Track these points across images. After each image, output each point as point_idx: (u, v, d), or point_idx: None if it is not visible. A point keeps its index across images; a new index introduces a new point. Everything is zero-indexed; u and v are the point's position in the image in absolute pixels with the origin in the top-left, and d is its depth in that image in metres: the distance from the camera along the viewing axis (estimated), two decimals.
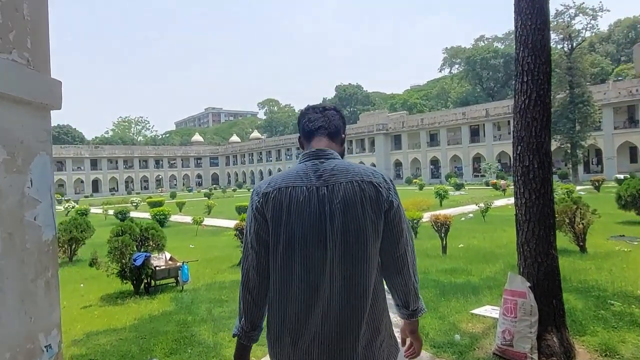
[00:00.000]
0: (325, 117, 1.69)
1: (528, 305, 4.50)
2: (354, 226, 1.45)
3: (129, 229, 8.19)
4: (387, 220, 1.53)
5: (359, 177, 1.50)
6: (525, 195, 4.69)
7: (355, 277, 1.49)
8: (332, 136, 1.69)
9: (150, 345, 5.67)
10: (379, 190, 1.50)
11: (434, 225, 11.10)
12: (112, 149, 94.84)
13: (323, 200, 1.46)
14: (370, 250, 1.50)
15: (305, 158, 1.61)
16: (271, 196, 1.49)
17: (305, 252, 1.45)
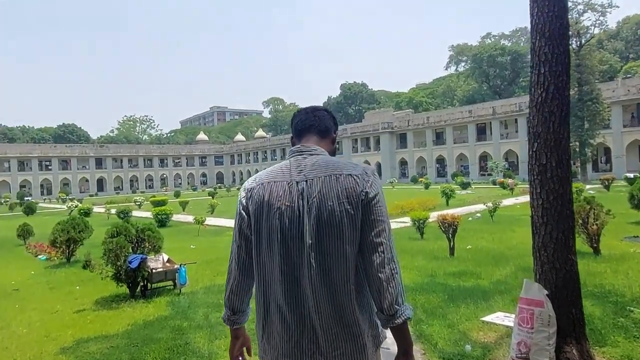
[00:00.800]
0: (315, 117, 1.74)
1: (546, 315, 4.15)
2: (329, 219, 1.46)
3: (124, 230, 7.90)
4: (364, 212, 1.51)
5: (337, 171, 1.52)
6: (542, 196, 4.34)
7: (334, 269, 1.49)
8: (321, 134, 1.73)
9: (142, 354, 5.36)
10: (356, 182, 1.50)
11: (441, 226, 10.73)
12: (117, 148, 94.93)
13: (302, 195, 1.49)
14: (346, 242, 1.49)
15: (290, 154, 1.67)
16: (255, 191, 1.57)
17: (284, 245, 1.50)
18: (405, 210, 21.71)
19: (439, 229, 13.81)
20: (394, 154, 70.97)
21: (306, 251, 1.49)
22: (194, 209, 30.45)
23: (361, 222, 1.51)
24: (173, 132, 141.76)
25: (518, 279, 8.09)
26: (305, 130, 1.72)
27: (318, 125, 1.72)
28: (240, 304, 1.73)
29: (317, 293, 1.50)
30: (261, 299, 1.61)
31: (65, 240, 11.94)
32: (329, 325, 1.52)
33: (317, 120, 1.73)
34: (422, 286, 7.80)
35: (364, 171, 1.56)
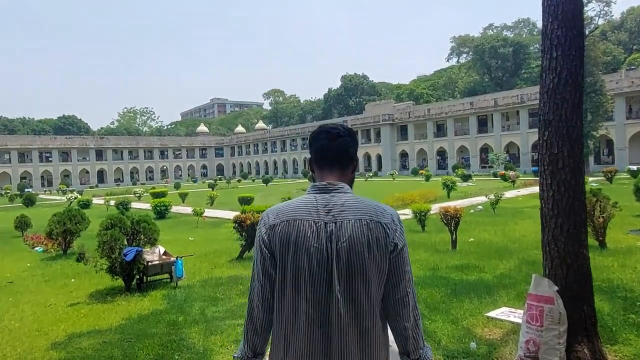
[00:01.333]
0: (338, 147, 1.60)
1: (556, 312, 3.95)
2: (359, 266, 1.42)
3: (119, 222, 7.70)
4: (390, 261, 1.49)
5: (367, 216, 1.47)
6: (553, 187, 4.11)
7: (363, 315, 1.46)
8: (344, 168, 1.63)
9: (134, 350, 5.18)
10: (386, 231, 1.47)
11: (443, 218, 10.53)
12: (117, 140, 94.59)
13: (330, 237, 1.43)
14: (374, 289, 1.47)
15: (314, 190, 1.55)
16: (278, 229, 1.46)
17: (311, 289, 1.44)
18: (406, 202, 21.50)
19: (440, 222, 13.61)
20: (394, 146, 70.62)
21: (334, 296, 1.43)
22: (193, 201, 30.27)
23: (387, 270, 1.49)
24: (173, 124, 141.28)
25: (522, 272, 7.91)
26: (327, 162, 1.60)
27: (340, 160, 1.61)
28: (262, 345, 1.62)
29: (344, 339, 1.45)
30: (281, 343, 1.52)
31: (61, 232, 11.76)
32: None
33: (340, 152, 1.61)
34: (424, 280, 7.61)
35: (392, 219, 1.51)
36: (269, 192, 36.49)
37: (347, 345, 1.45)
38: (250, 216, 10.43)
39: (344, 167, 1.62)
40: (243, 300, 7.02)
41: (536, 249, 9.83)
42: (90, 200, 31.20)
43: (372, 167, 71.85)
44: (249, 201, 23.40)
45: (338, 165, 1.60)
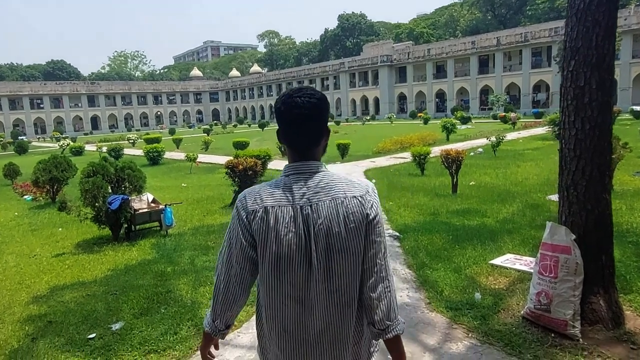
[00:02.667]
0: (309, 122, 1.48)
1: (573, 262, 3.60)
2: (338, 245, 1.45)
3: (101, 169, 7.24)
4: (365, 232, 1.48)
5: (341, 192, 1.47)
6: (577, 125, 3.63)
7: (340, 291, 1.48)
8: (316, 144, 1.53)
9: (119, 303, 4.90)
10: (361, 203, 1.47)
11: (444, 162, 10.10)
12: (109, 85, 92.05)
13: (307, 221, 1.44)
14: (355, 264, 1.48)
15: (289, 172, 1.52)
16: (258, 214, 1.47)
17: (291, 270, 1.46)
18: (405, 146, 21.05)
19: (440, 165, 13.20)
20: (392, 89, 68.97)
21: (314, 277, 1.46)
22: (188, 147, 29.71)
23: (364, 242, 1.49)
24: (166, 69, 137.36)
25: (526, 217, 7.60)
26: (298, 140, 1.51)
27: (313, 134, 1.51)
28: (234, 318, 1.68)
29: (325, 315, 1.50)
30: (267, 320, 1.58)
31: (48, 180, 11.32)
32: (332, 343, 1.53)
33: (312, 126, 1.49)
34: (424, 226, 7.30)
35: (366, 190, 1.51)
36: (264, 137, 35.87)
37: (329, 320, 1.49)
38: (243, 161, 9.97)
39: (316, 143, 1.53)
40: None
41: (539, 192, 9.51)
42: (83, 147, 30.66)
43: (369, 111, 70.60)
44: (243, 146, 22.84)
45: (308, 141, 1.51)
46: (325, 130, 1.53)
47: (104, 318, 4.55)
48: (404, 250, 6.14)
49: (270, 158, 14.14)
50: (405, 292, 4.64)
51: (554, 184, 10.59)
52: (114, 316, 4.57)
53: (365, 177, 13.40)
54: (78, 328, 4.38)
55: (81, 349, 3.96)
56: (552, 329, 3.68)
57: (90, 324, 4.44)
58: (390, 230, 7.09)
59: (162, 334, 4.07)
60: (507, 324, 3.85)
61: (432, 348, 3.51)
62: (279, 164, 17.42)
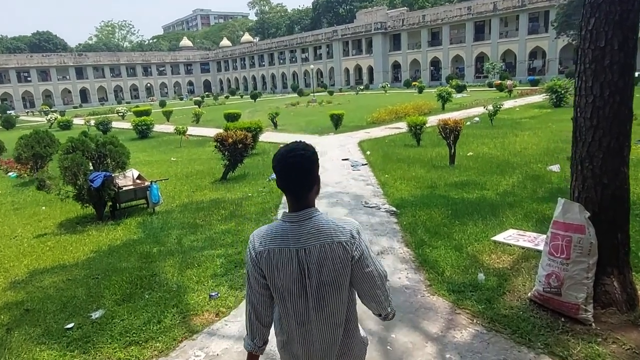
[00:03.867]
0: (303, 178, 1.74)
1: (587, 242, 3.32)
2: (327, 280, 1.74)
3: (81, 145, 6.84)
4: (354, 267, 1.76)
5: (329, 239, 1.71)
6: (594, 91, 3.29)
7: (330, 316, 1.81)
8: (307, 191, 1.77)
9: (100, 288, 4.61)
10: (345, 248, 1.72)
11: (441, 132, 9.74)
12: (97, 56, 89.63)
13: (302, 261, 1.73)
14: (341, 293, 1.79)
15: (287, 219, 1.77)
16: (264, 255, 1.76)
17: (292, 299, 1.79)
18: (400, 116, 20.60)
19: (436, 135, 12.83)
20: (386, 57, 67.67)
21: (311, 303, 1.77)
22: (178, 119, 29.09)
23: (351, 270, 1.76)
24: (155, 39, 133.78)
25: (527, 189, 7.32)
26: (291, 189, 1.76)
27: (304, 184, 1.75)
28: (267, 336, 1.94)
29: (320, 333, 1.83)
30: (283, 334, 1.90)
31: (31, 156, 10.89)
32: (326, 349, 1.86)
33: (302, 178, 1.74)
34: (422, 200, 7.01)
35: (351, 235, 1.74)
36: (256, 108, 35.19)
37: (324, 337, 1.83)
38: (233, 134, 9.57)
39: (307, 191, 1.76)
40: (224, 227, 6.42)
41: (539, 163, 9.23)
42: (71, 121, 29.90)
43: (363, 80, 69.49)
44: (235, 118, 22.31)
45: (301, 190, 1.75)
46: (315, 179, 1.77)
47: (84, 305, 4.26)
48: (402, 226, 5.85)
49: (262, 130, 13.72)
50: (404, 274, 4.37)
51: (553, 154, 10.34)
52: (94, 303, 4.29)
53: (360, 148, 13.05)
54: (56, 317, 4.10)
55: (58, 341, 3.68)
56: (562, 313, 3.44)
57: (69, 312, 4.16)
58: (386, 205, 6.80)
59: (144, 323, 3.79)
60: (513, 307, 3.60)
61: (434, 337, 3.25)
62: (270, 135, 17.00)
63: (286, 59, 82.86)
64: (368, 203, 7.04)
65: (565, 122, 15.38)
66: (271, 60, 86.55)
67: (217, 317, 3.84)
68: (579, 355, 2.99)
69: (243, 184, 9.31)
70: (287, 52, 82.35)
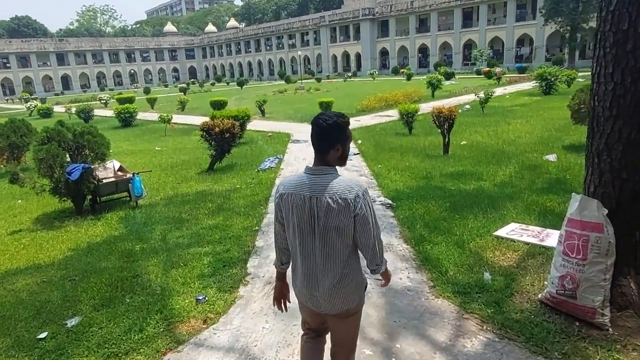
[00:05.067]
0: (319, 137, 2.12)
1: (605, 242, 3.08)
2: (332, 225, 2.08)
3: (57, 135, 6.42)
4: (356, 221, 2.08)
5: (337, 195, 2.05)
6: (615, 78, 3.02)
7: (331, 253, 2.13)
8: (324, 153, 2.12)
9: (77, 292, 4.27)
10: (349, 205, 2.03)
11: (435, 120, 9.46)
12: (79, 42, 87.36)
13: (312, 207, 2.08)
14: (343, 238, 2.11)
15: (307, 171, 2.15)
16: (284, 197, 2.16)
17: (302, 237, 2.16)
18: (390, 103, 20.30)
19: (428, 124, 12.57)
20: (374, 44, 67.07)
21: (317, 242, 2.12)
22: (163, 107, 28.40)
23: (354, 226, 2.09)
24: (138, 24, 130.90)
25: (525, 179, 7.11)
26: (315, 149, 2.14)
27: (322, 146, 2.11)
28: (287, 258, 2.36)
29: (321, 268, 2.16)
30: (293, 265, 2.30)
31: (6, 147, 10.38)
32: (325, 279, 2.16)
33: (321, 140, 2.11)
34: (417, 192, 6.74)
35: (356, 194, 2.05)
36: (243, 96, 34.59)
37: (324, 271, 2.15)
38: (219, 123, 9.18)
39: (324, 152, 2.12)
40: (211, 222, 6.09)
41: (535, 152, 9.02)
42: (51, 109, 29.02)
43: (351, 67, 68.89)
44: (222, 105, 21.75)
45: (319, 151, 2.13)
46: (333, 143, 2.09)
47: (59, 311, 3.93)
48: (399, 221, 5.58)
49: (250, 118, 13.29)
50: (405, 274, 4.10)
51: (548, 143, 10.14)
52: (70, 309, 3.95)
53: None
54: (28, 325, 3.76)
55: (29, 353, 3.35)
56: (576, 316, 3.21)
57: (43, 320, 3.82)
58: (382, 198, 6.52)
59: (125, 332, 3.48)
60: (524, 310, 3.35)
61: (442, 346, 2.99)
62: (259, 124, 16.57)
63: (273, 45, 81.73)
64: None
65: (556, 109, 15.23)
66: (257, 47, 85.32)
67: (205, 324, 3.53)
68: None
69: (231, 174, 8.96)
70: (274, 38, 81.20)
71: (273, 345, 3.18)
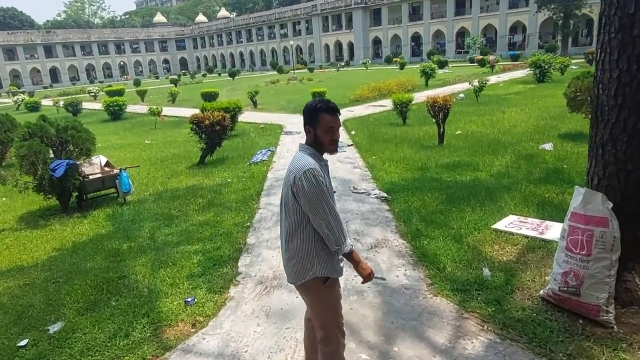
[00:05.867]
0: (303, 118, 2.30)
1: (610, 237, 2.95)
2: (285, 200, 2.26)
3: (39, 131, 6.20)
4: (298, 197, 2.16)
5: (290, 169, 2.20)
6: (621, 65, 2.87)
7: (284, 225, 2.30)
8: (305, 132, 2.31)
9: (61, 295, 4.09)
10: (294, 180, 2.14)
11: (430, 110, 9.30)
12: (67, 33, 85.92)
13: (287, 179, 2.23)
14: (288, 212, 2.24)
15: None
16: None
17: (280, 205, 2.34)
18: (383, 93, 20.11)
19: (422, 113, 12.42)
20: (367, 33, 66.53)
21: (281, 215, 2.31)
22: (153, 99, 28.03)
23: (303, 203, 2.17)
24: (128, 14, 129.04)
25: (522, 169, 6.99)
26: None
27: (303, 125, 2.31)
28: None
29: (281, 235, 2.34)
30: None
31: None
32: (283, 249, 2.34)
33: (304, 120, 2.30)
34: (413, 183, 6.60)
35: (298, 170, 2.14)
36: (235, 87, 34.20)
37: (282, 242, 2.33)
38: (209, 115, 8.98)
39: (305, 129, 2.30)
40: (201, 218, 5.93)
41: (531, 141, 8.90)
42: (39, 102, 28.54)
43: (343, 57, 68.38)
44: (213, 97, 21.46)
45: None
46: (305, 124, 2.27)
47: (41, 316, 3.76)
48: (394, 214, 5.44)
49: (241, 110, 13.06)
50: (402, 270, 3.96)
51: (544, 132, 10.01)
52: (53, 313, 3.78)
53: (344, 128, 12.54)
54: (8, 332, 3.59)
55: None
56: (580, 314, 3.09)
57: (24, 326, 3.64)
58: (376, 191, 6.37)
59: (109, 338, 3.32)
60: (525, 308, 3.23)
61: (442, 349, 2.86)
62: (250, 115, 16.33)
63: (264, 35, 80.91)
64: (357, 189, 6.60)
65: (551, 97, 15.12)
66: (249, 37, 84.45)
67: (194, 328, 3.38)
68: None
69: (222, 168, 8.77)
70: (265, 28, 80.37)
71: (265, 351, 3.03)
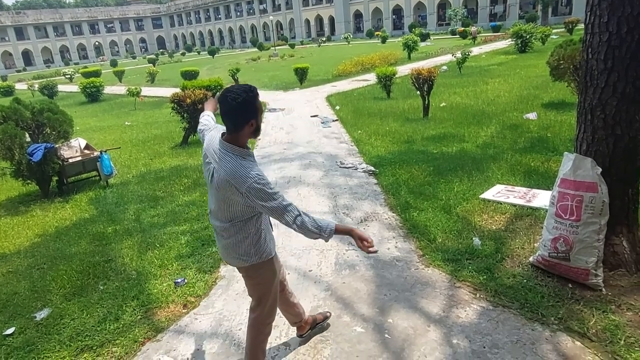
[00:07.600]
0: (236, 116, 2.04)
1: (599, 201, 2.96)
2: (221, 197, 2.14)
3: (14, 114, 5.97)
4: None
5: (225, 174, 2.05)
6: (611, 27, 2.83)
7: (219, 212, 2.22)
8: (240, 130, 2.07)
9: (46, 281, 4.00)
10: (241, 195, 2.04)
11: (414, 83, 9.22)
12: (38, 14, 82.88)
13: (213, 174, 2.12)
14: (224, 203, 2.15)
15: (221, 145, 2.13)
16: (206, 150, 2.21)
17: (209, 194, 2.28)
18: (366, 67, 19.95)
19: (406, 87, 12.38)
20: (347, 6, 65.52)
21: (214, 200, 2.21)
22: (132, 79, 27.36)
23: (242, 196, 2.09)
24: None
25: (507, 139, 7.01)
26: (228, 126, 2.09)
27: (238, 125, 2.06)
28: None
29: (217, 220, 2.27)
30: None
31: None
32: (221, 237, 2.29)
33: (239, 119, 2.04)
34: (400, 156, 6.58)
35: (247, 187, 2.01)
36: (215, 65, 33.54)
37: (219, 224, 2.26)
38: (191, 94, 8.78)
39: (239, 129, 2.07)
40: (187, 198, 5.84)
41: (515, 111, 8.92)
42: (13, 87, 27.61)
43: (324, 32, 67.40)
44: (193, 76, 21.08)
45: (234, 128, 2.07)
46: (249, 119, 2.05)
47: (27, 304, 3.67)
48: (383, 187, 5.42)
49: (223, 88, 12.80)
50: (393, 243, 3.96)
51: (527, 102, 10.04)
52: (39, 300, 3.69)
53: (328, 103, 12.43)
54: None
55: None
56: (569, 278, 3.13)
57: (10, 314, 3.56)
58: (363, 165, 6.33)
59: (99, 322, 3.26)
60: (516, 275, 3.25)
61: (436, 318, 2.87)
62: None
63: (243, 10, 79.22)
64: (344, 163, 6.55)
65: (532, 67, 15.15)
66: (228, 13, 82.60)
67: (185, 309, 3.33)
68: (596, 327, 2.68)
69: None
70: (244, 4, 78.65)
71: None
